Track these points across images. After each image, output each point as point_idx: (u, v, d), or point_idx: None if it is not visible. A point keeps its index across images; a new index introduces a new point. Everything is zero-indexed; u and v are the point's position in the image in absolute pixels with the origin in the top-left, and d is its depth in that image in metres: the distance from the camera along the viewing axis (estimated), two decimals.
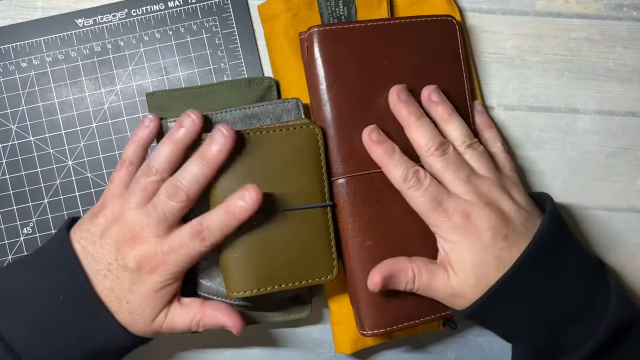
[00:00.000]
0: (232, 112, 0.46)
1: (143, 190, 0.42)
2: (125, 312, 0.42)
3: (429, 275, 0.43)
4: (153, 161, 0.42)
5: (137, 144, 0.44)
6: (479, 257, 0.41)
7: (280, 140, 0.43)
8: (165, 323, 0.43)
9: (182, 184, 0.41)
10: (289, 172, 0.43)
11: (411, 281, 0.43)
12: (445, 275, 0.42)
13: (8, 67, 0.50)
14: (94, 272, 0.42)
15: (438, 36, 0.47)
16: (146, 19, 0.51)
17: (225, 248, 0.43)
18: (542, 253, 0.41)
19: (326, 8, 0.48)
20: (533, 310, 0.41)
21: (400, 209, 0.45)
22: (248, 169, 0.43)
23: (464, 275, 0.41)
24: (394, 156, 0.43)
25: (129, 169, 0.44)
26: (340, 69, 0.45)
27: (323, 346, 0.51)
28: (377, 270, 0.43)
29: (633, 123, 0.52)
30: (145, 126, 0.44)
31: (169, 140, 0.42)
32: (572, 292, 0.41)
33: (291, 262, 0.43)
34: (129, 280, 0.41)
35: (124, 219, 0.42)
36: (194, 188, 0.41)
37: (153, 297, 0.42)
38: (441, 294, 0.43)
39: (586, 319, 0.40)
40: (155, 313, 0.42)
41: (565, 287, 0.41)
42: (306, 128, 0.44)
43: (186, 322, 0.43)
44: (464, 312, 0.42)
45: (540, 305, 0.41)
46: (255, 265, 0.43)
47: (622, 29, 0.52)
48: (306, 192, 0.44)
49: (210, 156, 0.41)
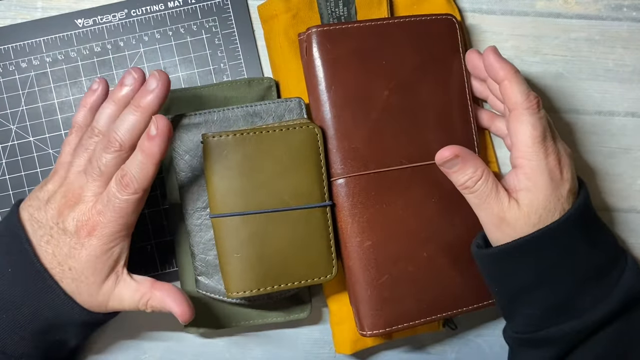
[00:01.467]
0: (234, 109, 0.46)
1: (85, 151, 0.42)
2: (68, 279, 0.41)
3: (494, 189, 0.42)
4: (95, 122, 0.42)
5: (85, 109, 0.45)
6: (551, 204, 0.41)
7: (280, 140, 0.43)
8: (113, 296, 0.42)
9: (116, 134, 0.41)
10: (288, 172, 0.43)
11: (476, 179, 0.42)
12: (506, 201, 0.42)
13: (8, 68, 0.50)
14: (38, 239, 0.41)
15: (438, 35, 0.47)
16: (146, 19, 0.51)
17: (226, 248, 0.43)
18: (587, 212, 0.42)
19: (326, 8, 0.48)
20: (568, 263, 0.41)
21: (400, 209, 0.45)
22: (248, 169, 0.43)
23: (527, 213, 0.41)
24: (519, 74, 0.43)
25: (77, 134, 0.44)
26: (339, 69, 0.45)
27: (323, 346, 0.51)
28: (451, 147, 0.42)
29: (633, 123, 0.52)
30: (92, 90, 0.45)
31: (110, 100, 0.43)
32: (598, 257, 0.42)
33: (291, 262, 0.43)
34: (69, 244, 0.41)
35: (68, 182, 0.42)
36: (128, 136, 0.41)
37: (94, 262, 0.41)
38: (491, 214, 0.42)
39: (604, 284, 0.41)
40: (99, 281, 0.41)
41: (595, 250, 0.42)
42: (306, 128, 0.44)
43: (134, 300, 0.42)
44: (514, 243, 0.41)
45: (574, 260, 0.41)
46: (255, 265, 0.43)
47: (622, 30, 0.52)
48: (306, 192, 0.44)
49: (145, 103, 0.41)
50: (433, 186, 0.46)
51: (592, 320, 0.40)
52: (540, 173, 0.41)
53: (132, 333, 0.50)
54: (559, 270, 0.41)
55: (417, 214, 0.46)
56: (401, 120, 0.46)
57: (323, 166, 0.44)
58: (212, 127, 0.46)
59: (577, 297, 0.41)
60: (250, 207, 0.43)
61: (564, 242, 0.41)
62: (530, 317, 0.42)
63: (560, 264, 0.41)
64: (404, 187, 0.46)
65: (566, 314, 0.41)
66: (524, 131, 0.42)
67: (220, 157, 0.43)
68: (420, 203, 0.46)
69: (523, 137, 0.42)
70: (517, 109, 0.42)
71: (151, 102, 0.41)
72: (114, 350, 0.50)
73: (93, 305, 0.42)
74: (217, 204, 0.43)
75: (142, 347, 0.50)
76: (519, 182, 0.42)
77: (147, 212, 0.50)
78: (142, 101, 0.41)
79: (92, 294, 0.42)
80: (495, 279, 0.44)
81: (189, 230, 0.46)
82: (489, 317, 0.52)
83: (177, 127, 0.46)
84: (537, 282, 0.42)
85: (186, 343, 0.50)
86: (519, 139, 0.42)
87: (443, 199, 0.46)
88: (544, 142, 0.41)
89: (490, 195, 0.42)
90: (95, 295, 0.42)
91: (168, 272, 0.50)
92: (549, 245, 0.41)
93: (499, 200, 0.42)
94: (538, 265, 0.41)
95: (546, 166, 0.41)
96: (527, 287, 0.42)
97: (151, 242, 0.50)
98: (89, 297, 0.42)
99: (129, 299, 0.42)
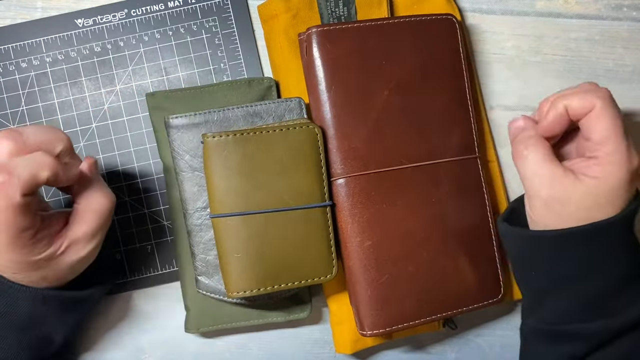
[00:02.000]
0: (234, 109, 0.46)
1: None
2: (8, 274, 0.39)
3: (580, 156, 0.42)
4: None
5: None
6: (612, 199, 0.39)
7: (280, 140, 0.43)
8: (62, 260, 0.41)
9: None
10: (288, 172, 0.43)
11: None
12: (572, 178, 0.40)
13: (8, 67, 0.50)
14: None
15: (438, 35, 0.47)
16: (146, 19, 0.51)
17: (226, 248, 0.43)
18: (632, 217, 0.41)
19: (326, 8, 0.48)
20: (617, 259, 0.40)
21: (400, 209, 0.45)
22: (248, 169, 0.43)
23: (589, 197, 0.39)
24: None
25: None
26: (339, 69, 0.45)
27: (323, 346, 0.51)
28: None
29: (633, 123, 0.52)
30: None
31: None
32: (633, 261, 0.41)
33: (291, 262, 0.43)
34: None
35: None
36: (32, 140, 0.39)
37: (13, 246, 0.38)
38: (552, 184, 0.40)
39: (636, 288, 0.40)
40: (40, 258, 0.40)
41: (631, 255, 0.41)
42: (306, 128, 0.44)
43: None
44: (579, 229, 0.39)
45: (623, 257, 0.40)
46: (255, 265, 0.43)
47: (622, 30, 0.52)
48: (306, 192, 0.44)
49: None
50: (433, 186, 0.46)
51: (623, 322, 0.39)
52: (619, 167, 0.39)
53: (132, 333, 0.50)
54: (608, 266, 0.40)
55: (417, 213, 0.46)
56: (401, 120, 0.46)
57: (323, 166, 0.44)
58: (212, 127, 0.46)
59: (616, 296, 0.40)
60: (251, 207, 0.43)
61: (618, 238, 0.40)
62: (565, 308, 0.41)
63: (610, 260, 0.40)
64: (404, 187, 0.46)
65: (600, 312, 0.40)
66: (610, 122, 0.40)
67: (220, 157, 0.43)
68: (421, 203, 0.46)
69: (612, 127, 0.40)
70: (600, 98, 0.40)
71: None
72: (114, 350, 0.50)
73: (52, 279, 0.41)
74: (217, 204, 0.43)
75: (142, 347, 0.50)
76: (593, 166, 0.40)
77: (147, 212, 0.50)
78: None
79: (45, 276, 0.40)
80: (533, 264, 0.42)
81: (189, 230, 0.46)
82: (489, 317, 0.52)
83: (177, 127, 0.46)
84: (582, 274, 0.40)
85: (186, 343, 0.50)
86: (608, 128, 0.40)
87: (443, 198, 0.46)
88: (627, 137, 0.40)
89: (557, 167, 0.40)
90: (47, 269, 0.40)
91: (168, 272, 0.50)
92: (605, 238, 0.40)
93: (567, 176, 0.40)
94: (590, 257, 0.40)
95: (628, 163, 0.39)
96: (571, 278, 0.40)
97: (151, 242, 0.50)
98: (43, 279, 0.40)
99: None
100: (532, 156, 0.41)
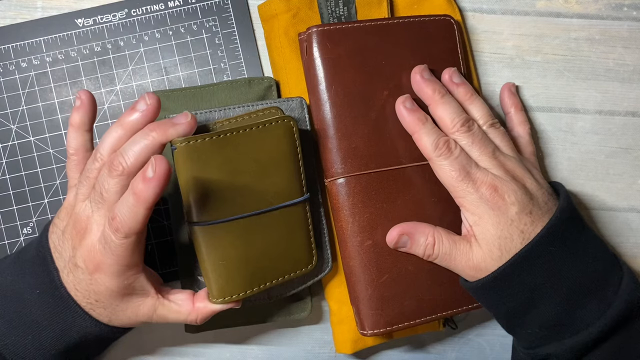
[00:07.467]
0: (234, 109, 0.46)
1: (87, 178, 0.41)
2: (100, 309, 0.41)
3: (451, 244, 0.43)
4: (100, 147, 0.40)
5: (74, 128, 0.43)
6: (505, 231, 0.41)
7: (258, 139, 0.42)
8: (156, 317, 0.42)
9: (122, 157, 0.38)
10: (268, 170, 0.42)
11: (431, 246, 0.43)
12: (467, 246, 0.42)
13: (8, 67, 0.50)
14: (61, 268, 0.41)
15: (436, 36, 0.47)
16: (146, 19, 0.51)
17: (211, 257, 0.41)
18: (564, 228, 0.41)
19: (326, 8, 0.48)
20: (552, 283, 0.41)
21: (400, 209, 0.45)
22: (227, 173, 0.41)
23: (488, 249, 0.41)
24: (427, 124, 0.44)
25: (72, 159, 0.43)
26: (339, 69, 0.45)
27: (323, 346, 0.51)
28: (397, 227, 0.44)
29: (633, 123, 0.52)
30: (76, 107, 0.43)
31: (118, 125, 0.40)
32: (589, 270, 0.41)
33: (274, 260, 0.43)
34: (85, 280, 0.40)
35: (75, 212, 0.41)
36: (133, 161, 0.38)
37: (117, 294, 0.40)
38: (461, 265, 0.43)
39: (600, 297, 0.41)
40: (134, 307, 0.41)
41: (583, 264, 0.41)
42: (282, 122, 0.43)
43: (180, 319, 0.42)
44: (486, 279, 0.41)
45: (559, 278, 0.41)
46: (240, 268, 0.42)
47: (622, 29, 0.52)
48: (286, 190, 0.43)
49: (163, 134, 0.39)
50: (433, 185, 0.46)
51: (594, 333, 0.40)
52: (477, 205, 0.42)
53: (132, 333, 0.50)
54: (546, 290, 0.41)
55: (417, 213, 0.46)
56: None
57: (300, 159, 0.44)
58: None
59: (575, 312, 0.41)
60: (234, 212, 0.41)
61: (543, 262, 0.40)
62: (530, 335, 0.42)
63: (546, 283, 0.41)
64: (404, 186, 0.46)
65: (567, 330, 0.41)
66: (445, 177, 0.43)
67: (198, 163, 0.40)
68: (420, 202, 0.46)
69: (447, 180, 0.43)
70: (431, 158, 0.43)
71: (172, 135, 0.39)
72: (114, 350, 0.50)
73: (134, 324, 0.42)
74: (197, 212, 0.40)
75: (142, 347, 0.50)
76: (466, 220, 0.43)
77: None
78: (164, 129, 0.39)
79: (129, 317, 0.42)
80: (486, 306, 0.44)
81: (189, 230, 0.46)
82: (489, 317, 0.52)
83: None
84: (526, 305, 0.41)
85: (186, 343, 0.50)
86: (446, 183, 0.43)
87: (443, 198, 0.46)
88: (467, 177, 0.42)
89: (452, 251, 0.43)
90: (135, 317, 0.42)
91: (168, 272, 0.50)
92: (527, 269, 0.40)
93: (460, 251, 0.43)
94: (522, 290, 0.41)
95: (480, 198, 0.41)
96: (518, 312, 0.42)
97: (151, 242, 0.50)
98: (127, 319, 0.42)
99: (175, 319, 0.42)
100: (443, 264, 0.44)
